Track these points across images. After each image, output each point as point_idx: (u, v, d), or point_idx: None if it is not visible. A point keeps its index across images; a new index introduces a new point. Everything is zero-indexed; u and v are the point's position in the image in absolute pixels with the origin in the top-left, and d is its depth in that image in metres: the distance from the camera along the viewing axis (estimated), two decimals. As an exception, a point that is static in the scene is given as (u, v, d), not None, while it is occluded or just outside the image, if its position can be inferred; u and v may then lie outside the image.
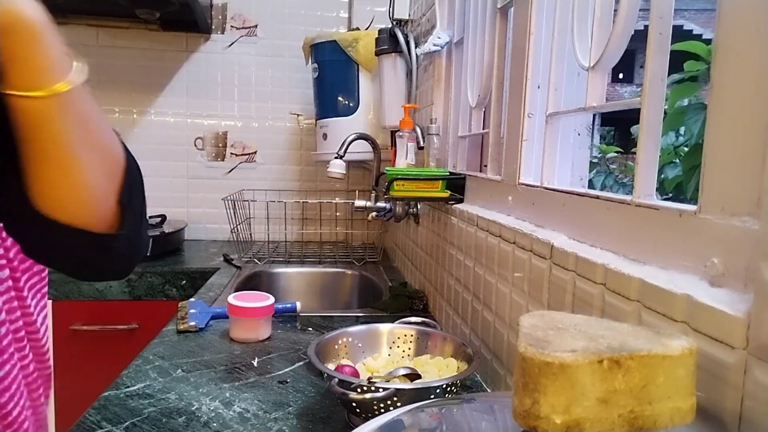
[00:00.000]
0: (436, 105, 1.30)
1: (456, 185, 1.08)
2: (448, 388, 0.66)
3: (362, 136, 1.52)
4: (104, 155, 0.50)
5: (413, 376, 0.71)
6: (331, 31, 1.97)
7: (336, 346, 0.80)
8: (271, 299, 1.06)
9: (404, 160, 1.29)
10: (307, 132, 2.07)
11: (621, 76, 10.64)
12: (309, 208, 2.06)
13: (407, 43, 1.44)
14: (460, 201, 1.07)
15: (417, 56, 1.42)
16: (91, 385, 0.98)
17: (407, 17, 1.60)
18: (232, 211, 1.70)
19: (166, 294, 1.59)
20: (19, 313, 0.69)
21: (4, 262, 0.66)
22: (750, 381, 0.36)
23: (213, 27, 2.00)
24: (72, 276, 0.57)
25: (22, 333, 0.70)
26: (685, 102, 2.36)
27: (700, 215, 0.43)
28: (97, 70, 1.96)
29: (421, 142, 1.32)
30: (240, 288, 1.42)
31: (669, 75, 0.52)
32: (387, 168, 1.16)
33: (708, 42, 2.21)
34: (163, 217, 1.92)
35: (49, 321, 0.76)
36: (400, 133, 1.30)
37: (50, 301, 1.53)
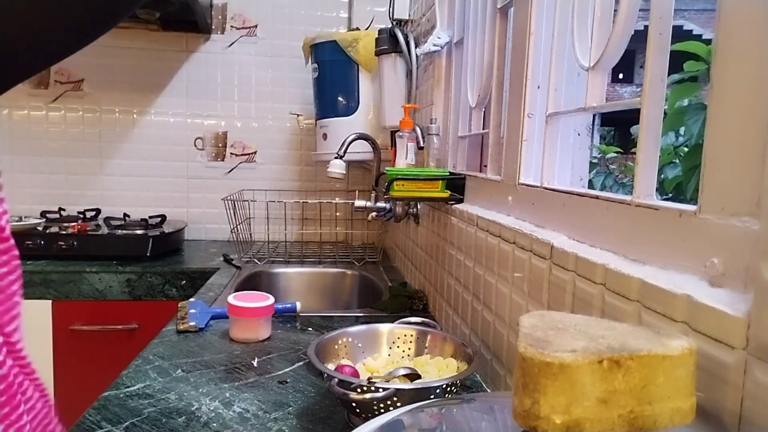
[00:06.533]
0: (436, 105, 1.30)
1: (456, 185, 1.08)
2: (448, 388, 0.66)
3: (362, 136, 1.52)
4: None
5: (413, 376, 0.71)
6: (331, 31, 1.97)
7: (336, 346, 0.80)
8: (271, 299, 1.06)
9: (404, 160, 1.29)
10: (307, 132, 2.07)
11: (621, 76, 10.64)
12: (309, 208, 2.06)
13: (407, 43, 1.44)
14: (460, 201, 1.07)
15: (417, 56, 1.42)
16: (91, 385, 0.98)
17: (407, 17, 1.60)
18: (231, 211, 1.70)
19: (166, 294, 1.59)
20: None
21: None
22: (750, 381, 0.36)
23: (213, 27, 2.00)
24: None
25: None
26: (685, 102, 2.36)
27: (700, 215, 0.43)
28: (97, 70, 1.96)
29: (421, 142, 1.32)
30: (240, 288, 1.42)
31: (669, 75, 0.52)
32: (387, 168, 1.16)
33: (708, 42, 2.21)
34: (163, 217, 1.92)
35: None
36: (400, 133, 1.30)
37: (50, 301, 1.53)
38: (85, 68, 1.96)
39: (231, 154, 2.05)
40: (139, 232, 1.72)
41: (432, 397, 0.65)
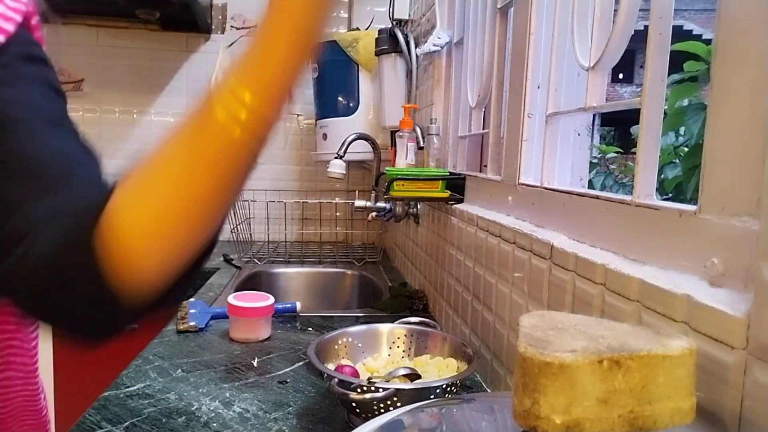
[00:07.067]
0: (436, 105, 1.30)
1: (456, 185, 1.08)
2: (448, 388, 0.66)
3: (362, 136, 1.52)
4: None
5: (413, 376, 0.71)
6: (331, 31, 1.97)
7: (336, 346, 0.80)
8: (271, 299, 1.06)
9: (404, 160, 1.29)
10: (307, 132, 2.07)
11: (621, 76, 10.64)
12: (309, 208, 2.06)
13: (407, 43, 1.44)
14: (460, 201, 1.07)
15: (417, 56, 1.42)
16: (91, 385, 0.98)
17: (407, 17, 1.59)
18: (231, 211, 1.70)
19: (166, 294, 1.58)
20: None
21: None
22: (750, 381, 0.36)
23: (213, 27, 1.99)
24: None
25: None
26: (685, 102, 2.36)
27: (700, 215, 0.43)
28: (97, 70, 1.96)
29: (421, 142, 1.32)
30: (240, 288, 1.42)
31: (669, 75, 0.52)
32: (387, 168, 1.16)
33: (708, 42, 2.21)
34: (163, 217, 1.92)
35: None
36: (400, 133, 1.30)
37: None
38: (85, 68, 1.96)
39: (231, 154, 2.05)
40: (139, 232, 1.71)
41: (432, 397, 0.65)
